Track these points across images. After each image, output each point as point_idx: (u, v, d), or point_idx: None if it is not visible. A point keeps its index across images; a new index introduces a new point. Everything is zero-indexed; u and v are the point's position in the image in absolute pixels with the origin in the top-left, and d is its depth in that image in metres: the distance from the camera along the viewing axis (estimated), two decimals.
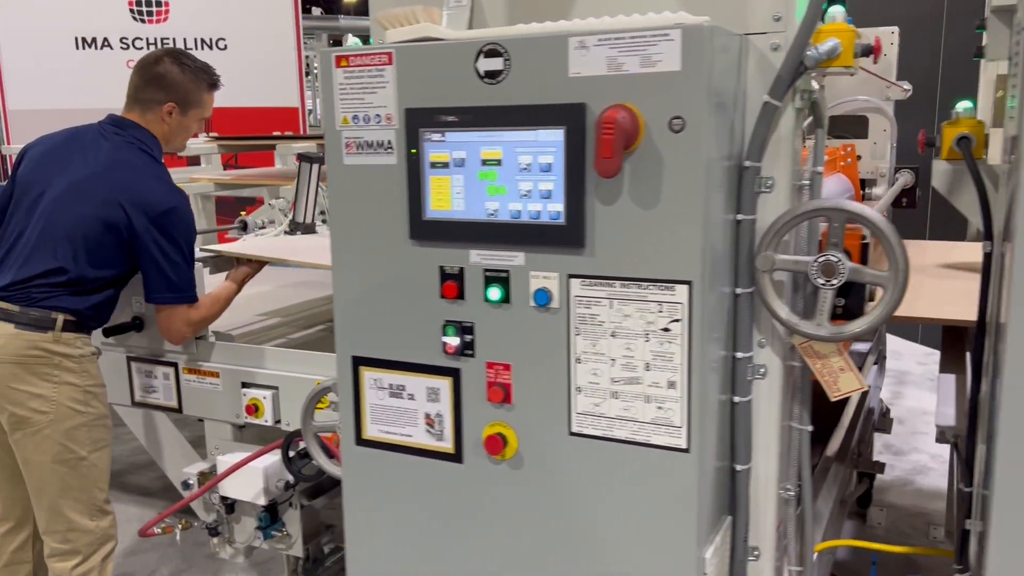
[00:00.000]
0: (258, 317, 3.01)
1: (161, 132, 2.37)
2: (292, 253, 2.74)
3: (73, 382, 2.21)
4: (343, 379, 1.63)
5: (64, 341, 2.20)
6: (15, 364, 2.15)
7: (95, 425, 2.28)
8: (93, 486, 2.29)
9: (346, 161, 1.54)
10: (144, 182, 2.26)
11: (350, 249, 1.57)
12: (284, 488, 2.44)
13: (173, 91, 2.33)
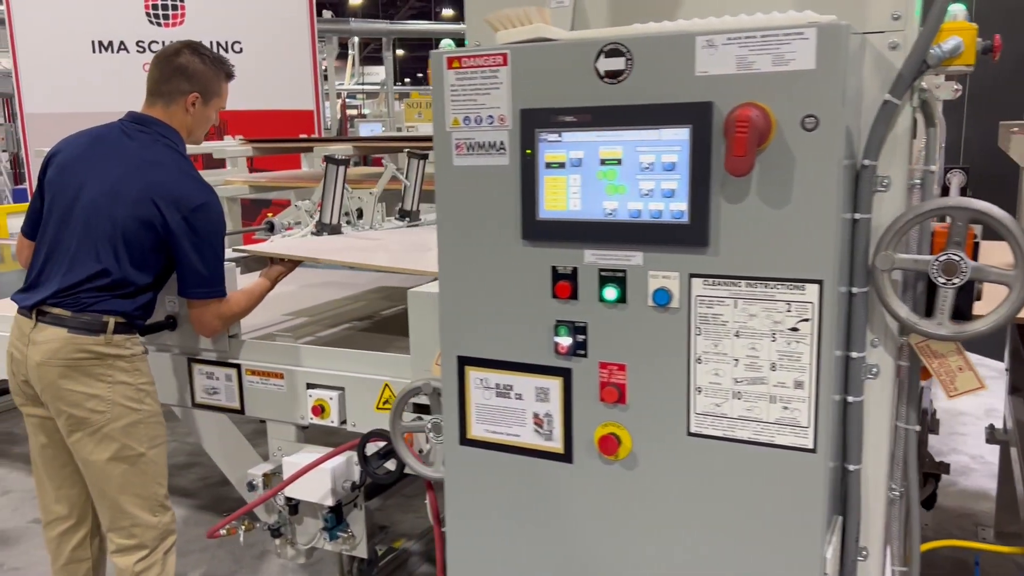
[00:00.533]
0: (285, 316, 3.07)
1: (184, 124, 2.38)
2: (323, 253, 2.78)
3: (127, 381, 2.25)
4: (447, 379, 1.62)
5: (115, 343, 2.22)
6: (70, 367, 2.18)
7: (150, 422, 2.31)
8: (153, 481, 2.32)
9: (456, 162, 1.54)
10: (175, 179, 2.28)
11: (458, 249, 1.57)
12: (351, 489, 2.44)
13: (196, 81, 2.35)
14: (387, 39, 15.52)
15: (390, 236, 3.25)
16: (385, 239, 3.16)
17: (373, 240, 3.12)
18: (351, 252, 2.88)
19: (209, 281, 2.30)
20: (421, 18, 23.56)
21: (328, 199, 3.06)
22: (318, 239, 3.02)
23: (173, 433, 4.48)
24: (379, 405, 2.40)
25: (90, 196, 2.24)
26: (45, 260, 2.28)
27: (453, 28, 17.01)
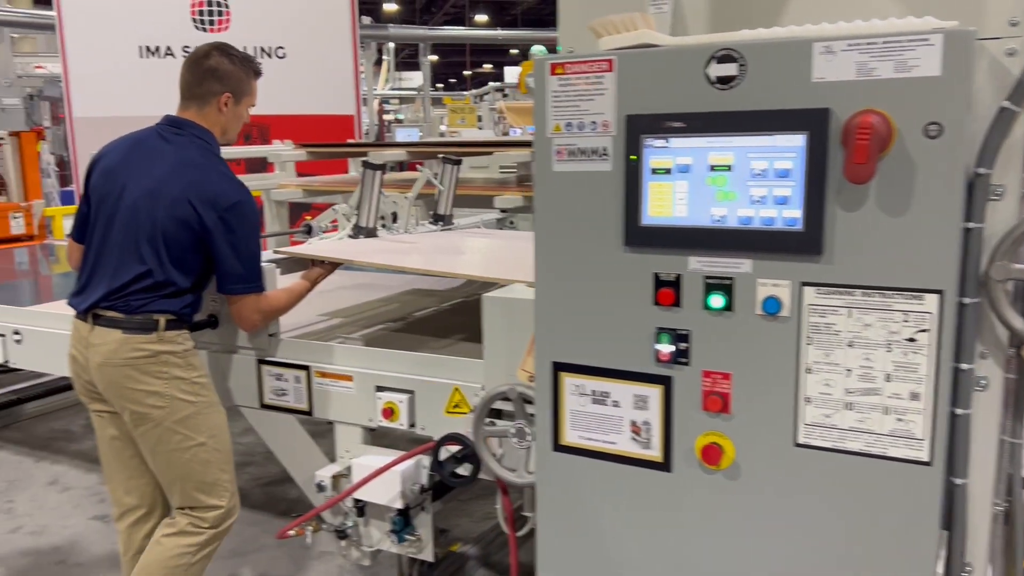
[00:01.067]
0: (320, 317, 3.12)
1: (219, 123, 2.44)
2: (361, 255, 2.83)
3: (181, 376, 2.32)
4: (541, 384, 1.62)
5: (167, 339, 2.30)
6: (128, 366, 2.27)
7: (207, 412, 2.38)
8: (216, 468, 2.40)
9: (555, 168, 1.53)
10: (209, 179, 2.34)
11: (555, 254, 1.56)
12: (419, 492, 2.45)
13: (227, 81, 2.40)
14: (424, 45, 15.61)
15: (423, 240, 3.31)
16: (419, 243, 3.22)
17: (408, 244, 3.18)
18: (387, 255, 2.93)
19: (246, 277, 2.35)
20: (454, 24, 23.69)
21: (365, 203, 3.12)
22: (355, 242, 3.09)
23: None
24: (448, 409, 2.40)
25: (131, 199, 2.31)
26: (94, 263, 2.36)
27: (491, 33, 17.08)
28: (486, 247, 3.48)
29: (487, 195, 4.41)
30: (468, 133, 9.29)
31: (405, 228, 3.37)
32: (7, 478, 3.98)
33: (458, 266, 2.92)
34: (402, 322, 3.14)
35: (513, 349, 2.07)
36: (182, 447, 2.32)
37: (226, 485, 2.43)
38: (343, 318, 3.13)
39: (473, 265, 3.08)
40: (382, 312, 3.27)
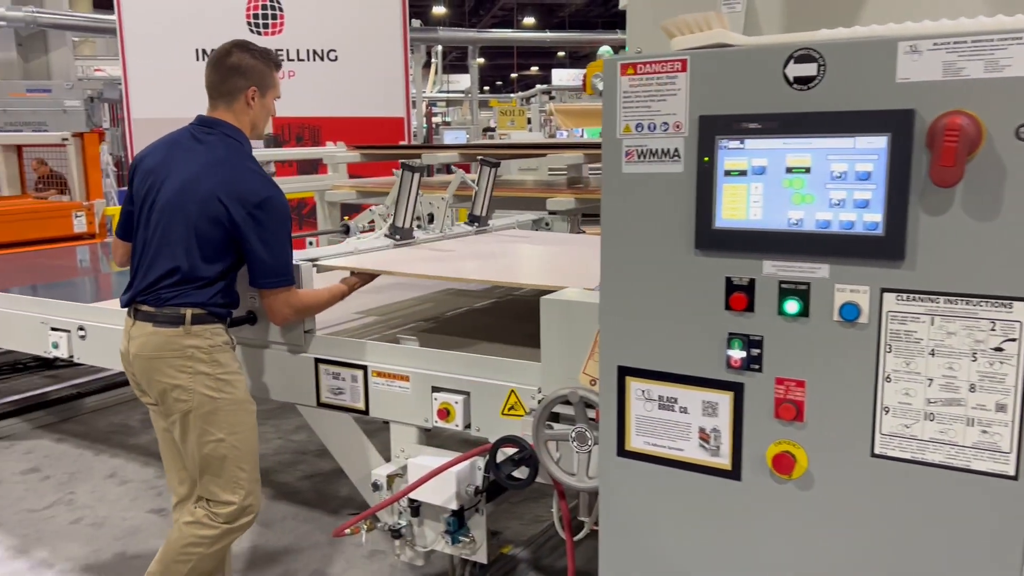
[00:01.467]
0: (355, 315, 3.15)
1: (248, 119, 2.49)
2: (396, 265, 2.88)
3: (206, 371, 2.36)
4: (606, 389, 1.60)
5: (194, 333, 2.36)
6: (157, 359, 2.35)
7: (229, 410, 2.40)
8: (232, 465, 2.42)
9: (625, 169, 1.52)
10: (239, 176, 2.39)
11: (623, 257, 1.54)
12: (474, 494, 2.44)
13: (251, 76, 2.45)
14: (473, 47, 15.69)
15: (460, 245, 3.34)
16: (456, 249, 3.25)
17: (444, 251, 3.21)
18: (422, 263, 2.96)
19: (276, 271, 2.40)
20: (503, 27, 23.76)
21: (402, 204, 3.16)
22: (392, 247, 3.15)
23: (278, 431, 4.61)
24: (504, 411, 2.40)
25: (165, 198, 2.39)
26: (137, 260, 2.46)
27: (539, 36, 17.09)
28: (529, 252, 3.48)
29: (538, 197, 4.41)
30: (518, 135, 9.28)
31: (441, 229, 3.40)
32: (68, 470, 4.08)
33: (501, 273, 2.96)
34: (434, 321, 3.17)
35: (571, 352, 2.06)
36: (201, 440, 2.38)
37: (242, 483, 2.45)
38: (377, 316, 3.17)
39: (519, 272, 3.08)
40: (416, 311, 3.31)
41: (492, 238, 3.65)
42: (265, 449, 4.35)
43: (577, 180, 5.18)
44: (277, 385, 2.76)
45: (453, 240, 3.46)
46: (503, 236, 3.79)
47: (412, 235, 3.23)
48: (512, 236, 3.82)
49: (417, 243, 3.28)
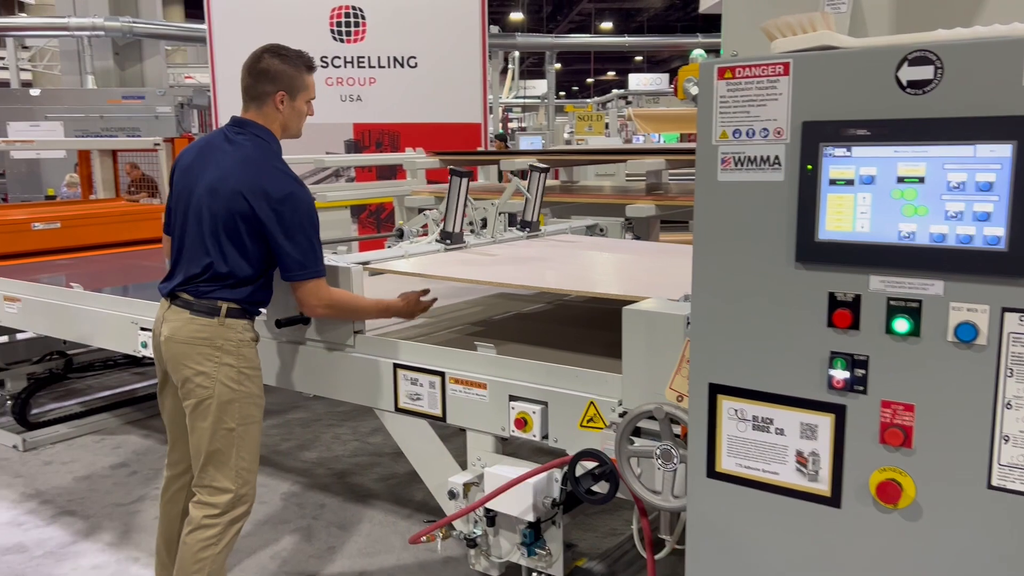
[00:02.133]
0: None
1: (278, 121, 2.56)
2: (441, 270, 2.93)
3: (231, 363, 2.49)
4: (696, 406, 1.54)
5: (228, 326, 2.49)
6: (187, 344, 2.48)
7: (245, 402, 2.53)
8: (237, 454, 2.53)
9: (720, 177, 1.45)
10: (263, 173, 2.47)
11: (717, 268, 1.48)
12: (551, 506, 2.40)
13: (280, 80, 2.52)
14: (550, 53, 15.67)
15: (510, 250, 3.36)
16: (503, 253, 3.27)
17: (494, 256, 3.23)
18: (467, 268, 2.99)
19: (302, 264, 2.46)
20: (580, 32, 23.69)
21: (451, 209, 3.20)
22: (442, 251, 3.20)
23: (355, 433, 4.66)
24: (583, 423, 2.34)
25: (197, 195, 2.50)
26: (176, 254, 2.59)
27: (617, 40, 16.96)
28: (587, 259, 3.44)
29: (616, 203, 4.34)
30: (595, 140, 9.21)
31: (492, 234, 3.43)
32: (154, 466, 4.20)
33: (573, 282, 2.97)
34: (483, 325, 3.17)
35: (655, 365, 2.00)
36: (214, 427, 2.49)
37: (242, 473, 2.55)
38: (426, 318, 3.17)
39: (586, 280, 3.03)
40: (464, 315, 3.31)
41: (544, 243, 3.63)
42: (342, 451, 4.40)
43: (657, 186, 5.08)
44: (356, 389, 2.78)
45: (504, 245, 3.46)
46: (556, 241, 3.77)
47: (463, 240, 3.26)
48: (566, 242, 3.80)
49: (467, 247, 3.29)
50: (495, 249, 3.36)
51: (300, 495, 3.86)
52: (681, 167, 4.88)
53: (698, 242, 1.50)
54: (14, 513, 3.67)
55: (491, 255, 3.24)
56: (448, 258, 3.14)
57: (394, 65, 8.56)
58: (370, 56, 8.48)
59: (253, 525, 3.54)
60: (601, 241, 4.08)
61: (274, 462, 4.27)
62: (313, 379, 2.86)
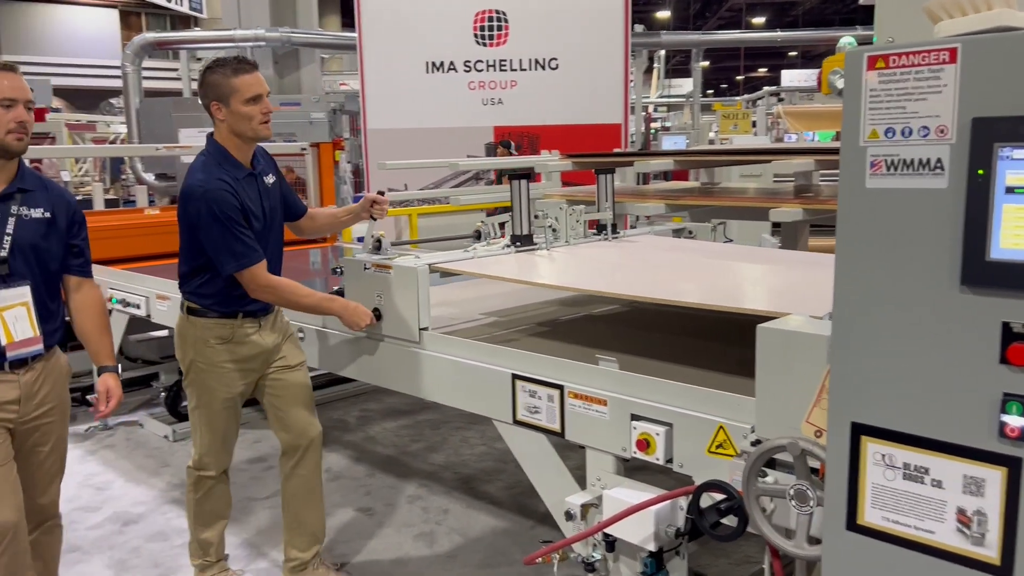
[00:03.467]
0: (480, 315, 3.26)
1: (224, 127, 2.70)
2: (491, 270, 2.98)
3: (189, 353, 2.85)
4: (836, 447, 1.34)
5: (191, 323, 2.82)
6: (176, 336, 2.92)
7: (203, 385, 2.86)
8: (199, 431, 2.94)
9: (869, 184, 1.25)
10: (187, 178, 2.71)
11: (863, 289, 1.28)
12: (674, 536, 2.22)
13: (209, 91, 2.68)
14: (696, 50, 15.19)
15: (572, 253, 3.36)
16: (565, 257, 3.27)
17: (551, 259, 3.24)
18: (531, 271, 3.05)
19: (222, 261, 2.67)
20: (730, 28, 22.93)
21: (517, 212, 3.24)
22: (512, 253, 3.22)
23: (483, 437, 4.62)
24: (711, 448, 2.16)
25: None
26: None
27: (769, 35, 16.21)
28: (649, 262, 3.36)
29: (760, 207, 4.06)
30: (740, 140, 8.82)
31: (566, 238, 3.42)
32: None
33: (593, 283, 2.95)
34: (547, 327, 3.17)
35: (791, 391, 1.79)
36: (191, 405, 2.93)
37: (207, 446, 2.93)
38: (497, 317, 3.26)
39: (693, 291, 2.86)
40: (531, 316, 3.32)
41: (614, 246, 3.54)
42: (469, 455, 4.37)
43: (806, 188, 4.73)
44: (475, 398, 2.71)
45: (575, 247, 3.42)
46: (630, 244, 3.66)
47: (532, 242, 3.25)
48: (643, 245, 3.67)
49: (537, 250, 3.26)
50: (563, 251, 3.33)
51: (425, 499, 3.85)
52: (834, 168, 4.53)
53: (842, 257, 1.30)
54: (160, 503, 3.88)
55: (553, 258, 3.21)
56: (516, 259, 3.14)
57: (535, 67, 8.53)
58: (512, 59, 8.49)
59: (376, 526, 3.57)
60: (676, 242, 3.92)
61: (402, 463, 4.30)
62: (435, 387, 2.82)
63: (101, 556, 3.36)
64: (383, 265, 2.85)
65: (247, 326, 2.83)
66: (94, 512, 3.76)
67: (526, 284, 3.02)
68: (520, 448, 2.70)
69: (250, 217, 2.71)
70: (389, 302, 2.83)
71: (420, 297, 2.77)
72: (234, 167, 2.71)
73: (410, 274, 2.76)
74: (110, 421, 4.86)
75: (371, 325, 2.84)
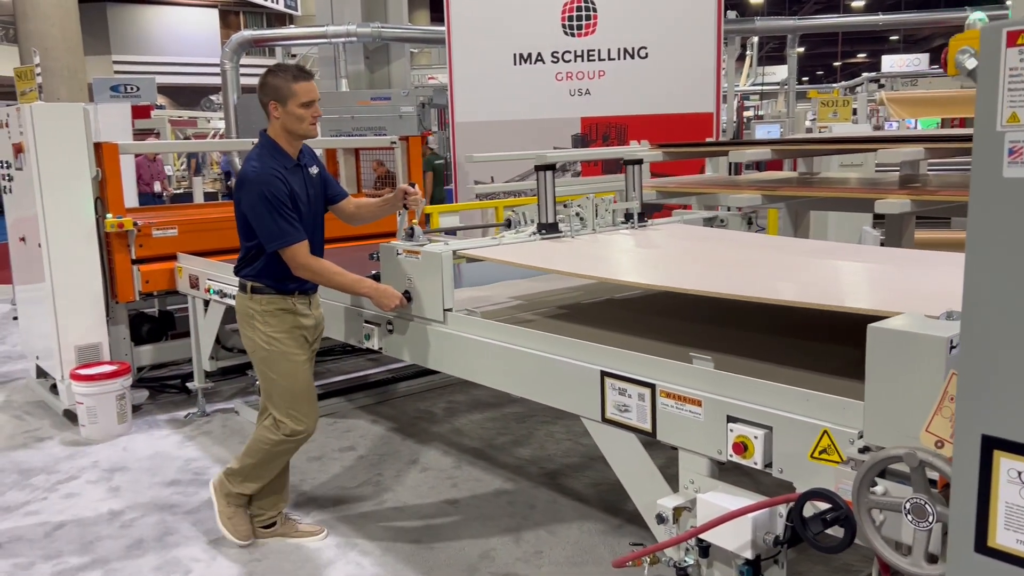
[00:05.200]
0: (509, 298, 3.46)
1: (279, 127, 3.08)
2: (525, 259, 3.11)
3: (260, 329, 3.18)
4: (963, 462, 1.22)
5: (254, 300, 3.18)
6: (239, 313, 3.27)
7: (277, 359, 3.19)
8: (280, 400, 3.22)
9: (1007, 173, 1.13)
10: (244, 166, 3.08)
11: (1001, 289, 1.16)
12: (772, 544, 2.12)
13: (269, 92, 3.05)
14: (792, 36, 14.66)
15: (615, 240, 3.51)
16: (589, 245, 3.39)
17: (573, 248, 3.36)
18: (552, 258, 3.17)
19: (273, 235, 3.02)
20: (828, 12, 22.06)
21: (542, 201, 3.41)
22: (538, 241, 3.39)
23: (569, 431, 4.56)
24: (814, 454, 2.05)
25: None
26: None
27: (870, 19, 15.51)
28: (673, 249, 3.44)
29: (864, 198, 3.85)
30: (840, 128, 8.45)
31: (592, 227, 3.57)
32: (379, 452, 4.38)
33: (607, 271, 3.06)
34: (568, 309, 3.32)
35: (905, 397, 1.68)
36: (265, 376, 3.23)
37: (292, 414, 3.20)
38: (523, 300, 3.44)
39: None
40: (555, 299, 3.47)
41: (640, 235, 3.65)
42: (555, 450, 4.33)
43: (912, 178, 4.48)
44: (563, 394, 2.66)
45: (600, 235, 3.55)
46: (655, 233, 3.73)
47: (558, 229, 3.43)
48: (669, 233, 3.74)
49: (563, 238, 3.42)
50: (586, 240, 3.47)
51: (511, 493, 3.83)
52: (943, 156, 4.26)
53: (973, 253, 1.19)
54: None
55: (575, 247, 3.36)
56: (541, 247, 3.32)
57: (624, 57, 8.38)
58: (600, 49, 8.37)
59: (463, 518, 3.57)
60: (696, 230, 3.92)
61: (488, 456, 4.29)
62: (521, 382, 2.79)
63: (199, 539, 3.46)
64: (412, 251, 3.09)
65: (299, 303, 3.21)
66: (192, 496, 3.89)
67: (538, 270, 3.22)
68: (608, 446, 2.64)
69: (297, 202, 3.08)
70: (419, 284, 3.07)
71: (444, 280, 2.98)
72: (284, 158, 3.09)
73: (436, 259, 2.98)
74: (207, 408, 5.03)
75: (401, 306, 3.09)
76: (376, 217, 3.49)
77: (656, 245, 3.46)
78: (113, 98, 11.47)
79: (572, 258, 3.18)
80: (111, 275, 4.85)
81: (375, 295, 3.10)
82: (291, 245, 3.03)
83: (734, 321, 3.02)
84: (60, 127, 4.65)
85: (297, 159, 3.15)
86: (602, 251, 3.34)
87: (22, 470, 4.26)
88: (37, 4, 12.52)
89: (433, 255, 3.00)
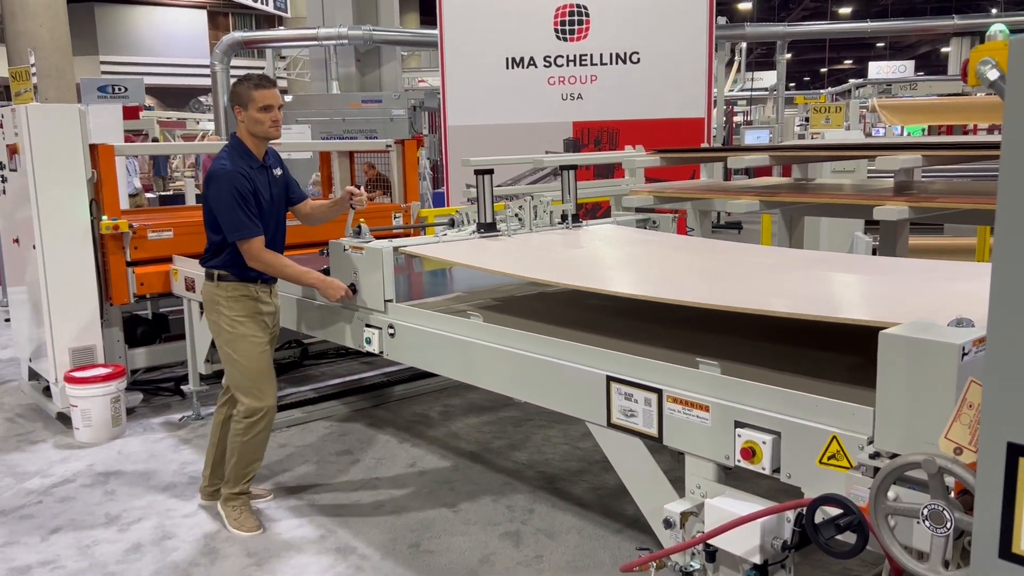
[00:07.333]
0: (450, 295, 3.72)
1: (244, 130, 3.38)
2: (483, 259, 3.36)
3: (225, 313, 3.44)
4: (988, 469, 1.23)
5: (220, 287, 3.44)
6: (205, 300, 3.53)
7: (239, 341, 3.44)
8: (245, 379, 3.47)
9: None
10: (213, 164, 3.35)
11: (1020, 295, 1.17)
12: (780, 549, 2.13)
13: (234, 98, 3.39)
14: (781, 42, 14.76)
15: (547, 239, 3.83)
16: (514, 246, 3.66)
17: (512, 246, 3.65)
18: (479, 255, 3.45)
19: (230, 230, 3.29)
20: (815, 19, 22.24)
21: (481, 203, 3.72)
22: (477, 239, 3.69)
23: (565, 436, 4.56)
24: (822, 460, 2.06)
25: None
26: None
27: (859, 26, 15.62)
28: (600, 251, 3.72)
29: (861, 205, 3.88)
30: (832, 134, 8.50)
31: (530, 227, 3.88)
32: (376, 456, 4.36)
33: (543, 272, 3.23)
34: (499, 300, 3.57)
35: (916, 403, 1.69)
36: (228, 358, 3.49)
37: (254, 392, 3.45)
38: (461, 292, 3.77)
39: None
40: (487, 295, 3.70)
41: (575, 235, 3.96)
42: (552, 454, 4.33)
43: (907, 185, 4.51)
44: (565, 398, 2.66)
45: (542, 235, 3.89)
46: (589, 234, 4.03)
47: (496, 228, 3.75)
48: (598, 235, 4.03)
49: (500, 237, 3.74)
50: (522, 239, 3.78)
51: (510, 497, 3.82)
52: (941, 164, 4.29)
53: (1000, 262, 1.20)
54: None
55: (507, 245, 3.65)
56: (476, 245, 3.60)
57: (616, 62, 8.40)
58: (592, 54, 8.38)
59: (462, 523, 3.56)
60: (626, 232, 4.20)
61: (486, 460, 4.28)
62: (526, 387, 2.79)
63: (197, 543, 3.44)
64: (357, 247, 3.37)
65: (261, 291, 3.47)
66: (189, 500, 3.86)
67: (470, 268, 3.49)
68: (613, 451, 2.64)
69: (260, 200, 3.35)
70: (363, 277, 3.35)
71: (385, 274, 3.27)
72: (250, 159, 3.37)
73: (378, 254, 3.28)
74: (202, 411, 5.00)
75: (347, 297, 3.36)
76: (328, 217, 3.72)
77: (580, 245, 3.80)
78: (101, 99, 11.36)
79: (501, 256, 3.46)
80: (106, 277, 4.82)
81: (321, 286, 3.36)
82: (248, 239, 3.30)
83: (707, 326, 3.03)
84: (56, 128, 4.62)
85: (263, 160, 3.43)
86: (531, 250, 3.64)
87: (16, 473, 4.22)
88: (25, 4, 12.41)
89: (375, 251, 3.29)
